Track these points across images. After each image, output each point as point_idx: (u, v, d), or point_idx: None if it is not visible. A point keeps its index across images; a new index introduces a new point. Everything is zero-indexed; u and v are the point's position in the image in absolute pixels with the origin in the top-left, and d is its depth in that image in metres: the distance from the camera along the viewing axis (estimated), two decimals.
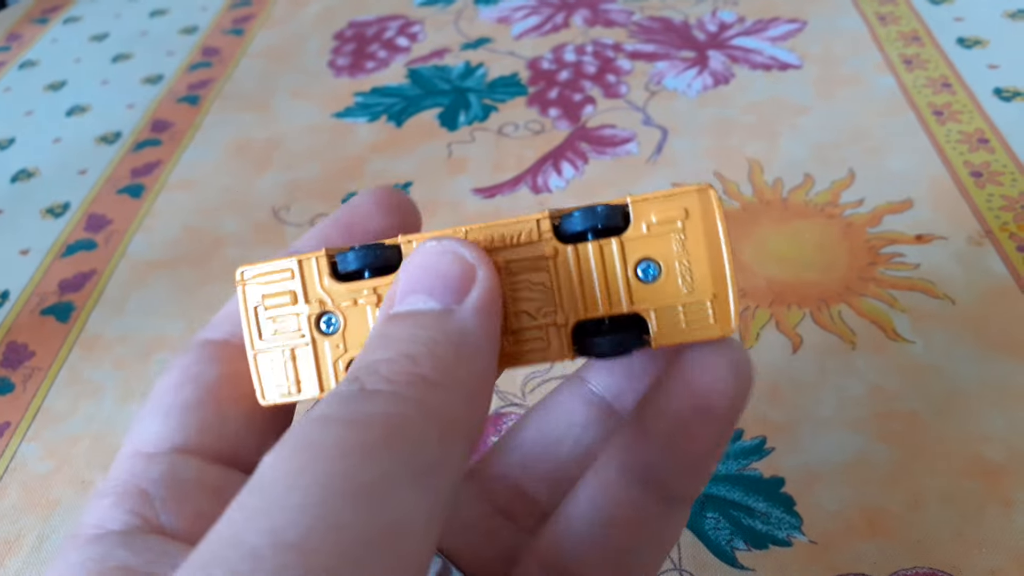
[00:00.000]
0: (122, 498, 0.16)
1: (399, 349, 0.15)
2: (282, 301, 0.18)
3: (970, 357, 0.34)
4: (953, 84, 0.49)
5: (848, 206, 0.42)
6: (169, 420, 0.18)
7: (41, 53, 0.69)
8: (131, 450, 0.18)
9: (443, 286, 0.16)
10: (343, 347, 0.18)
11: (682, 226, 0.17)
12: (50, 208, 0.51)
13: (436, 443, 0.14)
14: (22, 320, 0.44)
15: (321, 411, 0.13)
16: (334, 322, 0.18)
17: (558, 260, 0.17)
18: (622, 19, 0.62)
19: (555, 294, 0.17)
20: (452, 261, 0.16)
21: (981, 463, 0.31)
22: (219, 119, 0.57)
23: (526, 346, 0.18)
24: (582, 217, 0.17)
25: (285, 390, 0.18)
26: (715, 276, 0.17)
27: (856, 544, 0.29)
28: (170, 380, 0.18)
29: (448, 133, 0.52)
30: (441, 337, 0.15)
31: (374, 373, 0.14)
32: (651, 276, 0.17)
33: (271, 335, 0.18)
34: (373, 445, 0.13)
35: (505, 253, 0.17)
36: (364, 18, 0.67)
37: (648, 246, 0.17)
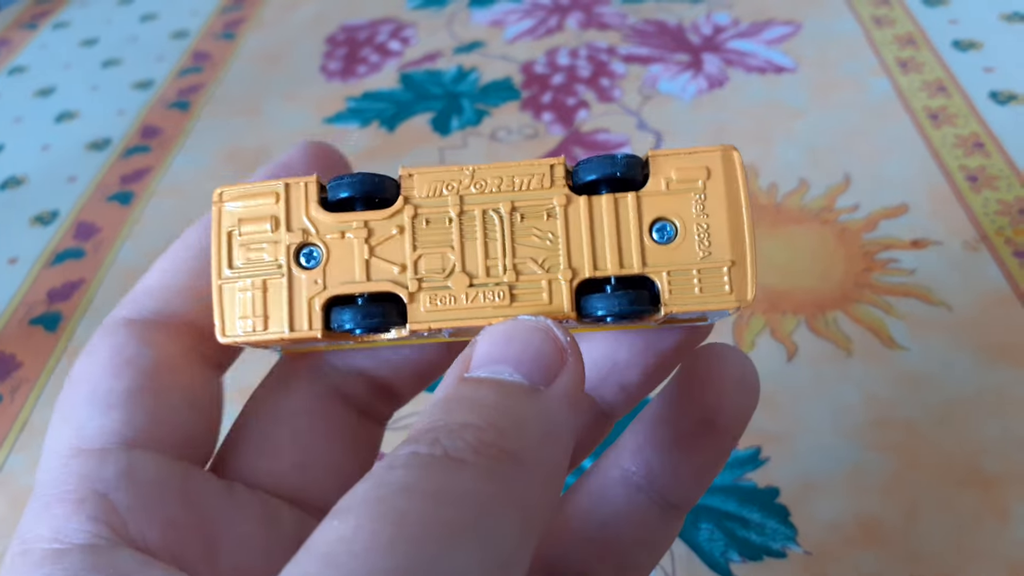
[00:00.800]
0: (80, 505, 0.15)
1: (485, 417, 0.14)
2: (260, 228, 0.17)
3: (966, 365, 0.34)
4: (948, 88, 0.49)
5: (843, 211, 0.42)
6: (112, 411, 0.16)
7: (30, 59, 0.69)
8: (70, 447, 0.16)
9: (532, 363, 0.15)
10: (322, 283, 0.16)
11: (703, 185, 0.16)
12: (39, 216, 0.51)
13: (518, 530, 0.13)
14: (10, 330, 0.43)
15: (400, 478, 0.12)
16: (316, 255, 0.17)
17: (569, 210, 0.16)
18: (616, 22, 0.62)
19: (563, 246, 0.16)
20: (544, 340, 0.15)
21: (978, 473, 0.31)
22: (210, 125, 0.57)
23: (523, 295, 0.16)
24: (599, 165, 0.16)
25: (249, 326, 0.16)
26: (735, 241, 0.16)
27: (852, 555, 0.29)
28: (100, 364, 0.16)
29: (440, 138, 0.52)
30: (529, 415, 0.14)
31: (459, 439, 0.13)
32: (667, 237, 0.16)
33: (242, 264, 0.17)
34: (462, 527, 0.12)
35: (514, 196, 0.16)
36: (356, 22, 0.67)
37: (666, 204, 0.16)
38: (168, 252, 0.19)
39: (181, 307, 0.18)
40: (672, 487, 0.19)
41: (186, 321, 0.18)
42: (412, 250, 0.16)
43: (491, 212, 0.16)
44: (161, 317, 0.17)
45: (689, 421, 0.18)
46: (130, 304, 0.18)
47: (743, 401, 0.17)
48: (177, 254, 0.18)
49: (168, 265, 0.18)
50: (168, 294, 0.18)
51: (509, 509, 0.13)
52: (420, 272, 0.16)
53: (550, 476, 0.14)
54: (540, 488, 0.13)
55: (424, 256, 0.16)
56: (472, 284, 0.16)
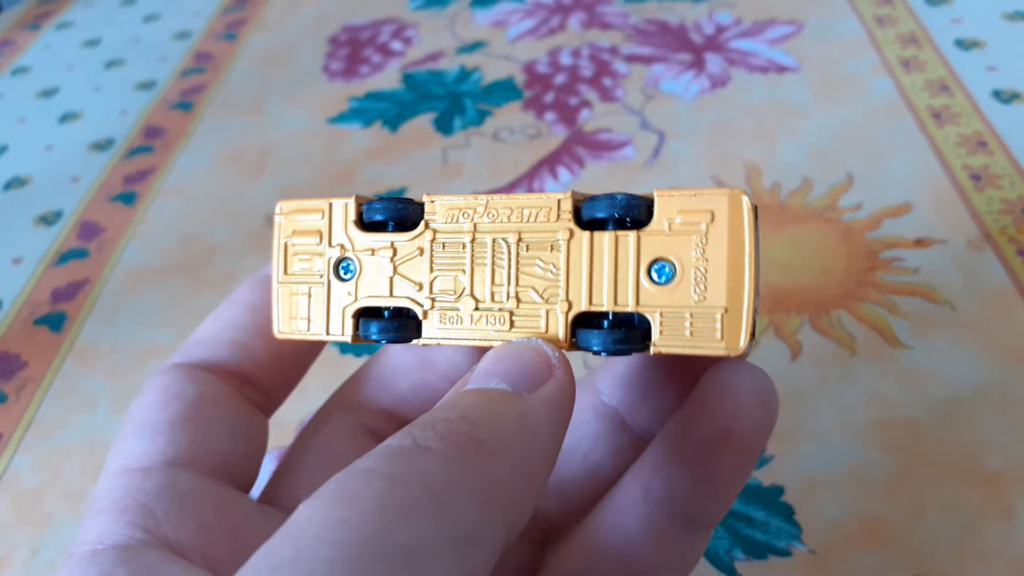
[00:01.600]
0: (121, 512, 0.16)
1: (460, 412, 0.15)
2: (309, 240, 0.19)
3: (970, 363, 0.34)
4: (951, 86, 0.49)
5: (847, 210, 0.42)
6: (157, 437, 0.18)
7: (33, 59, 0.69)
8: (119, 468, 0.17)
9: (518, 374, 0.16)
10: (354, 295, 0.18)
11: (705, 229, 0.16)
12: (43, 216, 0.51)
13: (477, 513, 0.13)
14: (15, 330, 0.43)
15: (367, 464, 0.13)
16: (351, 269, 0.18)
17: (572, 244, 0.17)
18: (618, 22, 0.62)
19: (563, 278, 0.17)
20: (533, 354, 0.16)
21: (981, 471, 0.31)
22: (212, 125, 0.57)
23: (522, 323, 0.17)
24: (604, 204, 0.17)
25: (298, 326, 0.19)
26: (732, 289, 0.16)
27: (856, 554, 0.29)
28: (151, 400, 0.18)
29: (443, 138, 0.52)
30: (506, 412, 0.15)
31: (429, 429, 0.14)
32: (664, 278, 0.16)
33: (296, 271, 0.19)
34: (413, 505, 0.12)
35: (522, 227, 0.17)
36: (358, 22, 0.67)
37: (666, 245, 0.16)
38: (218, 309, 0.21)
39: (226, 356, 0.20)
40: (693, 503, 0.19)
41: (230, 368, 0.20)
42: (429, 271, 0.18)
43: (501, 240, 0.17)
44: (207, 364, 0.20)
45: (708, 435, 0.18)
46: (180, 353, 0.20)
47: (761, 414, 0.18)
48: (225, 311, 0.21)
49: (216, 320, 0.20)
50: (214, 345, 0.20)
51: (471, 495, 0.13)
52: (434, 292, 0.18)
53: (524, 470, 0.14)
54: (509, 476, 0.14)
55: (439, 277, 0.18)
56: (477, 308, 0.17)
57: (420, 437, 0.14)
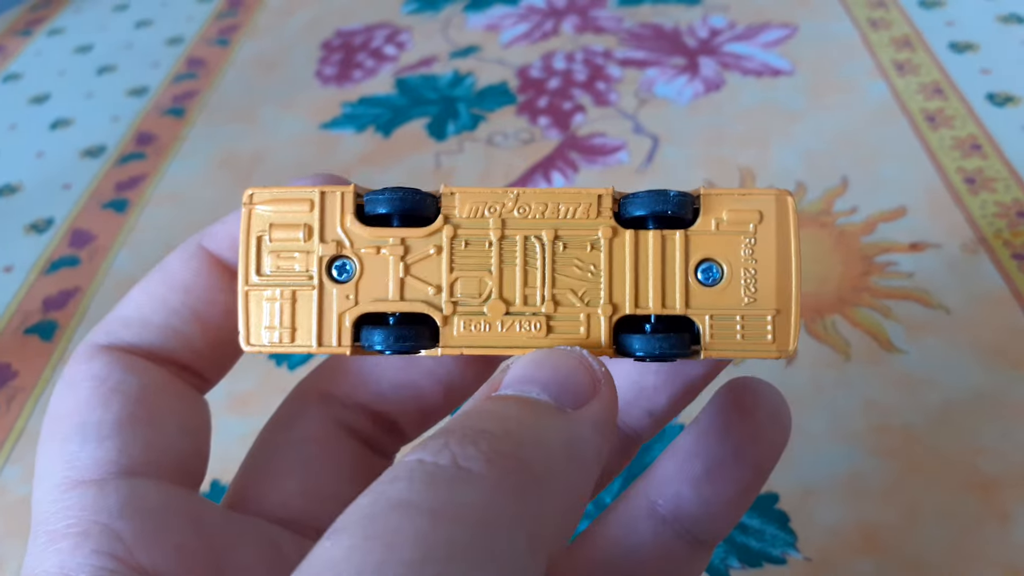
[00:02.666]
0: (83, 538, 0.14)
1: (505, 426, 0.13)
2: (292, 235, 0.16)
3: (965, 368, 0.34)
4: (945, 90, 0.49)
5: (841, 214, 0.42)
6: (105, 441, 0.15)
7: (25, 66, 0.68)
8: (67, 480, 0.15)
9: (561, 385, 0.14)
10: (354, 299, 0.16)
11: (754, 229, 0.16)
12: (34, 224, 0.51)
13: (524, 549, 0.12)
14: (5, 339, 0.43)
15: (401, 493, 0.12)
16: (348, 269, 0.16)
17: (614, 243, 0.16)
18: (612, 26, 0.61)
19: (604, 279, 0.16)
20: (576, 365, 0.15)
21: (977, 476, 0.30)
22: (205, 131, 0.57)
23: (560, 328, 0.16)
24: (649, 200, 0.16)
25: (276, 337, 0.16)
26: (781, 290, 0.15)
27: (851, 561, 0.29)
28: (85, 394, 0.16)
29: (436, 143, 0.52)
30: (552, 431, 0.13)
31: (471, 446, 0.12)
32: (712, 279, 0.16)
33: (271, 271, 0.16)
34: (460, 546, 0.11)
35: (558, 224, 0.16)
36: (351, 27, 0.67)
37: (714, 246, 0.16)
38: (147, 280, 0.18)
39: (159, 342, 0.17)
40: (700, 521, 0.18)
41: (165, 356, 0.17)
42: (449, 272, 0.16)
43: (533, 239, 0.16)
44: (138, 349, 0.17)
45: (720, 454, 0.17)
46: (104, 333, 0.17)
47: (775, 436, 0.17)
48: (156, 286, 0.18)
49: (145, 297, 0.18)
50: (145, 328, 0.17)
51: (519, 529, 0.12)
52: (456, 295, 0.16)
53: (569, 498, 0.13)
54: (557, 509, 0.13)
55: (461, 279, 0.16)
56: (509, 312, 0.16)
57: (461, 456, 0.12)
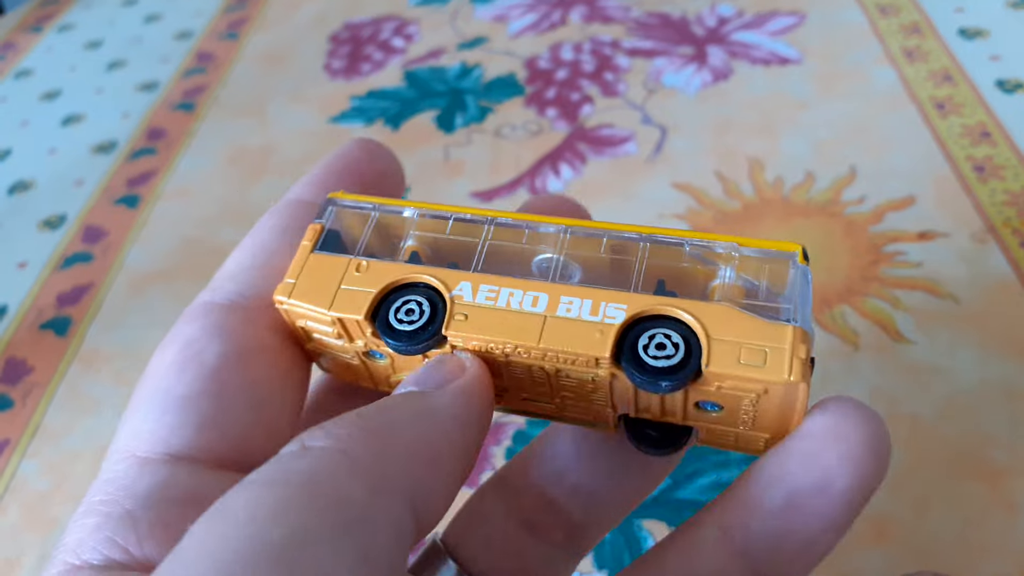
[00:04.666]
0: (106, 520, 0.15)
1: (358, 411, 0.14)
2: (328, 329, 0.17)
3: (973, 357, 0.34)
4: (955, 76, 0.48)
5: (850, 204, 0.42)
6: (165, 416, 0.16)
7: (36, 62, 0.69)
8: (124, 450, 0.16)
9: (427, 376, 0.16)
10: (392, 368, 0.18)
11: (756, 396, 0.15)
12: (47, 220, 0.51)
13: (363, 498, 0.13)
14: (21, 335, 0.44)
15: (248, 477, 0.13)
16: (380, 355, 0.18)
17: (615, 383, 0.16)
18: (620, 15, 0.61)
19: (608, 399, 0.17)
20: (446, 361, 0.16)
21: (986, 466, 0.31)
22: (214, 126, 0.57)
23: (571, 411, 0.17)
24: (643, 382, 0.15)
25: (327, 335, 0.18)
26: (777, 429, 0.16)
27: (860, 551, 0.29)
28: (170, 357, 0.17)
29: (445, 135, 0.52)
30: (402, 404, 0.15)
31: (319, 430, 0.14)
32: (712, 410, 0.16)
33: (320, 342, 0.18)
34: (285, 503, 0.12)
35: (559, 366, 0.16)
36: (359, 19, 0.67)
37: (715, 396, 0.16)
38: (247, 238, 0.19)
39: (261, 286, 0.18)
40: (773, 560, 0.16)
41: (267, 301, 0.18)
42: None
43: (535, 368, 0.16)
44: (241, 300, 0.18)
45: (805, 483, 0.15)
46: (211, 289, 0.18)
47: (869, 466, 0.15)
48: (256, 236, 0.19)
49: (247, 248, 0.19)
50: (249, 274, 0.18)
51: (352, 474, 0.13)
52: None
53: (417, 448, 0.14)
54: (401, 455, 0.14)
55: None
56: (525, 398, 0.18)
57: (307, 438, 0.13)
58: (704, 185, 0.44)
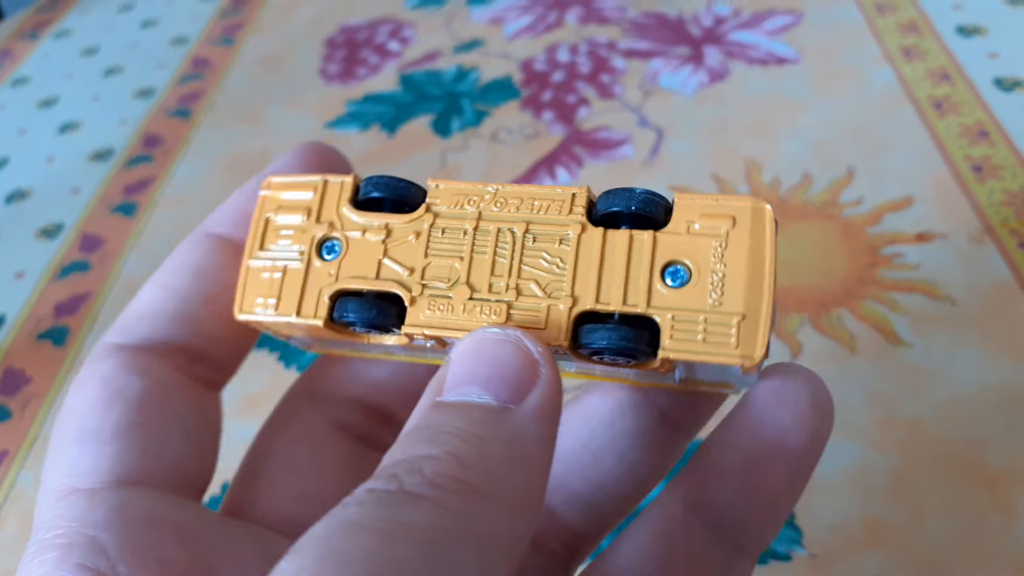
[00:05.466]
0: (69, 550, 0.14)
1: (446, 446, 0.13)
2: (295, 218, 0.18)
3: (972, 360, 0.34)
4: (952, 75, 0.48)
5: (847, 205, 0.42)
6: (103, 448, 0.16)
7: (33, 69, 0.69)
8: (63, 487, 0.15)
9: (500, 379, 0.14)
10: (334, 276, 0.17)
11: (725, 234, 0.15)
12: (44, 229, 0.51)
13: (475, 565, 0.12)
14: (18, 345, 0.44)
15: (351, 515, 0.12)
16: (336, 249, 0.17)
17: (583, 238, 0.16)
18: (616, 16, 0.61)
19: (569, 274, 0.16)
20: (513, 352, 0.14)
21: (984, 471, 0.30)
22: (211, 132, 0.57)
23: (519, 317, 0.16)
24: (620, 197, 0.16)
25: (262, 307, 0.17)
26: (750, 295, 0.15)
27: (857, 557, 0.29)
28: (90, 397, 0.16)
29: (441, 140, 0.52)
30: (494, 437, 0.13)
31: (416, 472, 0.13)
32: (679, 281, 0.15)
33: (272, 247, 0.18)
34: (409, 565, 0.11)
35: (531, 218, 0.16)
36: (355, 22, 0.67)
37: (682, 247, 0.16)
38: (158, 273, 0.19)
39: (172, 332, 0.18)
40: (743, 524, 0.17)
41: (177, 345, 0.18)
42: (424, 256, 0.17)
43: (506, 230, 0.16)
44: (151, 343, 0.17)
45: (759, 444, 0.16)
46: (119, 330, 0.18)
47: (818, 423, 0.16)
48: (167, 276, 0.18)
49: (158, 287, 0.18)
50: (158, 320, 0.18)
51: (466, 544, 0.12)
52: (426, 278, 0.17)
53: (518, 504, 0.13)
54: (506, 519, 0.13)
55: (433, 263, 0.17)
56: (472, 297, 0.16)
57: (408, 483, 0.12)
58: (701, 187, 0.44)
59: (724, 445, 0.17)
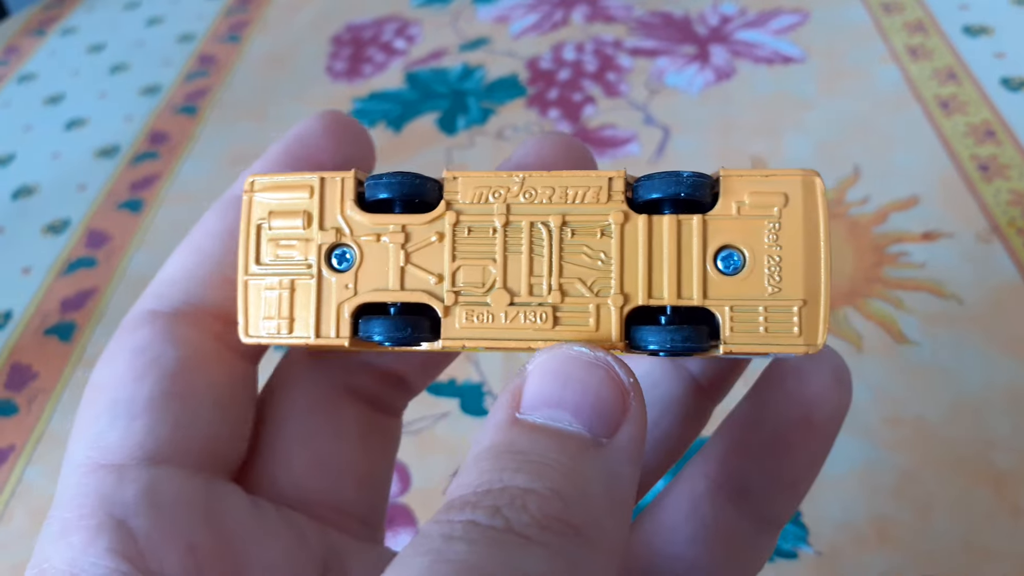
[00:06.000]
0: (97, 533, 0.14)
1: (548, 482, 0.12)
2: (292, 223, 0.16)
3: (978, 359, 0.34)
4: (959, 75, 0.48)
5: (853, 204, 0.42)
6: (134, 421, 0.15)
7: (39, 66, 0.69)
8: (90, 462, 0.15)
9: (593, 410, 0.13)
10: (353, 289, 0.15)
11: (778, 213, 0.14)
12: (51, 225, 0.51)
13: None
14: (26, 340, 0.44)
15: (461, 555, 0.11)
16: (348, 257, 0.15)
17: (626, 228, 0.15)
18: (622, 14, 0.61)
19: (615, 268, 0.15)
20: (605, 381, 0.13)
21: (990, 470, 0.30)
22: (216, 129, 0.57)
23: (568, 319, 0.15)
24: (662, 182, 0.15)
25: (274, 327, 0.15)
26: (808, 279, 0.14)
27: (863, 555, 0.29)
28: (122, 368, 0.16)
29: (447, 138, 0.52)
30: (592, 476, 0.13)
31: (522, 510, 0.12)
32: (733, 268, 0.15)
33: (270, 260, 0.16)
34: None
35: (566, 209, 0.15)
36: (361, 20, 0.67)
37: (735, 231, 0.15)
38: (189, 238, 0.18)
39: (207, 296, 0.17)
40: (765, 498, 0.17)
41: (213, 311, 0.17)
42: (451, 260, 0.15)
43: (539, 225, 0.15)
44: (186, 308, 0.17)
45: (785, 419, 0.16)
46: (153, 296, 0.17)
47: (839, 397, 0.16)
48: (199, 240, 0.17)
49: (190, 252, 0.17)
50: (192, 284, 0.17)
51: None
52: (458, 284, 0.15)
53: (614, 549, 0.13)
54: (604, 564, 0.12)
55: (463, 267, 0.15)
56: (513, 302, 0.15)
57: (516, 522, 0.12)
58: None
59: (750, 421, 0.17)
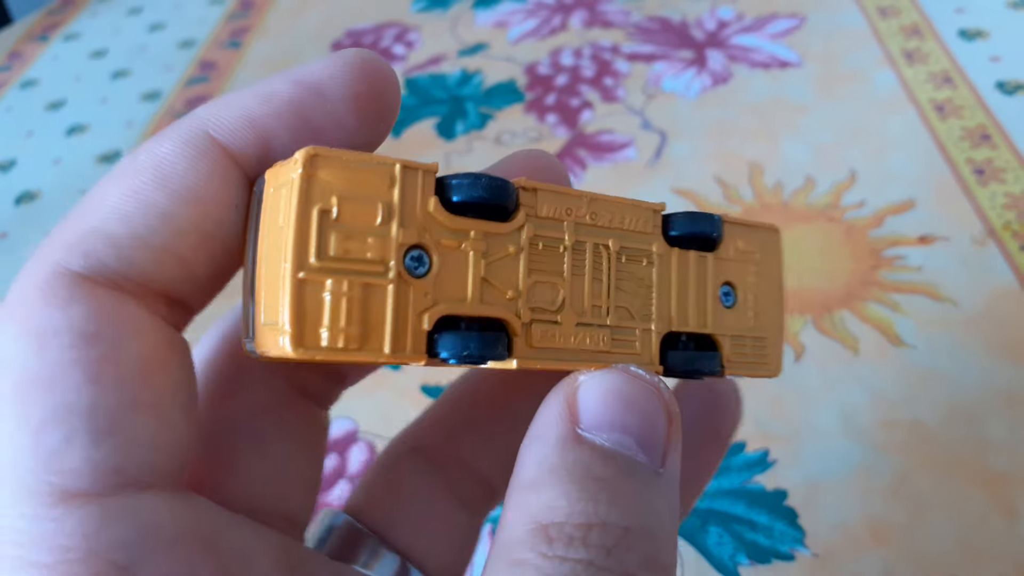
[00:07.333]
0: None
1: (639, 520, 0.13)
2: (367, 212, 0.13)
3: (973, 362, 0.34)
4: (954, 78, 0.48)
5: (849, 208, 0.42)
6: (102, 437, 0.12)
7: (42, 71, 0.69)
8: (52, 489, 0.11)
9: (651, 439, 0.13)
10: (431, 298, 0.13)
11: (759, 259, 0.17)
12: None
13: None
14: None
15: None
16: (424, 261, 0.13)
17: (664, 260, 0.16)
18: (620, 20, 0.61)
19: (655, 296, 0.16)
20: (660, 410, 0.14)
21: (985, 472, 0.31)
22: None
23: (620, 343, 0.15)
24: (705, 224, 0.16)
25: (340, 340, 0.12)
26: (773, 315, 0.17)
27: (859, 556, 0.29)
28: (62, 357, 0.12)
29: (446, 143, 0.52)
30: (664, 512, 0.13)
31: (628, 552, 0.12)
32: (730, 302, 0.17)
33: (336, 255, 0.13)
34: None
35: (621, 235, 0.15)
36: (361, 26, 0.67)
37: (733, 270, 0.17)
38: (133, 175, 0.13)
39: (156, 271, 0.13)
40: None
41: (157, 285, 0.13)
42: (527, 275, 0.14)
43: (601, 247, 0.15)
44: (127, 275, 0.13)
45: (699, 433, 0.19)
46: (81, 253, 0.13)
47: (737, 417, 0.20)
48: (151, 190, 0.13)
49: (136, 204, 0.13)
50: (141, 252, 0.13)
51: None
52: (532, 301, 0.14)
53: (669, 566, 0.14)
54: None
55: (538, 284, 0.14)
56: (580, 323, 0.15)
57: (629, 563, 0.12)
58: (704, 190, 0.45)
59: None
